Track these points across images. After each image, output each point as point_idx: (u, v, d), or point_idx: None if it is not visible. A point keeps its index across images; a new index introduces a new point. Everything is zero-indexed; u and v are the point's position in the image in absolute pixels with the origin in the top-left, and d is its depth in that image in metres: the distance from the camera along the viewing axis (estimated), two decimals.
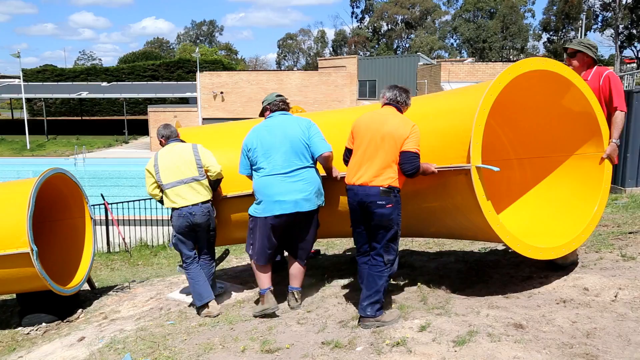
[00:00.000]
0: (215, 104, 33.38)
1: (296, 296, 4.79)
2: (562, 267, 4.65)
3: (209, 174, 5.08)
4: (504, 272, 4.96)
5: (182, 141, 5.27)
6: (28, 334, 5.94)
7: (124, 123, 41.34)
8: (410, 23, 75.63)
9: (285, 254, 5.28)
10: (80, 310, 6.33)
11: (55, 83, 49.31)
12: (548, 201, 4.87)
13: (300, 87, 33.43)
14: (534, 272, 4.78)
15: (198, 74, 34.05)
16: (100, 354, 4.62)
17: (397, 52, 75.34)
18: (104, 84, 47.23)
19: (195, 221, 5.03)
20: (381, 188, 3.99)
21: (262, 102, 4.93)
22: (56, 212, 6.87)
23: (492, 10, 70.79)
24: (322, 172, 4.71)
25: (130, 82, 49.43)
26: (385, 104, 4.30)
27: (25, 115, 39.73)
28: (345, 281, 5.44)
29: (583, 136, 4.54)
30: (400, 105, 4.26)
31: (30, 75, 52.46)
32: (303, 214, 4.56)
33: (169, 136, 5.24)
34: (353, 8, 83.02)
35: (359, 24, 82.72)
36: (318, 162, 4.66)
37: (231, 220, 5.31)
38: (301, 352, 3.79)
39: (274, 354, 3.86)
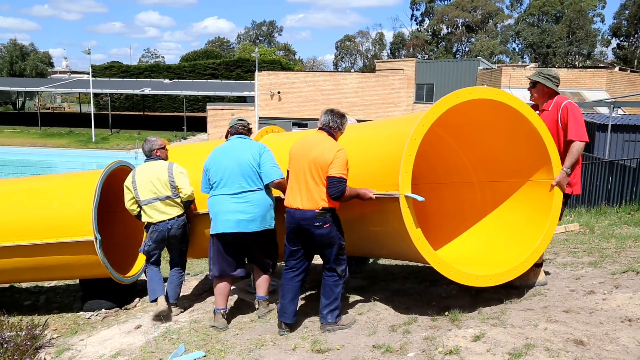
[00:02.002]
0: (272, 104, 33.82)
1: (263, 304, 5.02)
2: (520, 287, 4.69)
3: (180, 195, 5.29)
4: (563, 286, 4.77)
5: (161, 158, 5.46)
6: (89, 318, 6.21)
7: (183, 119, 42.54)
8: (471, 26, 74.02)
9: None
10: (137, 299, 6.57)
11: (121, 79, 51.32)
12: (504, 226, 4.92)
13: (357, 89, 33.38)
14: (597, 287, 4.58)
15: (256, 73, 34.60)
16: (155, 343, 4.77)
17: (457, 55, 73.96)
18: (166, 81, 48.74)
19: (171, 234, 5.34)
20: (316, 211, 4.18)
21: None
22: (118, 203, 7.13)
23: (558, 15, 68.25)
24: (277, 193, 4.85)
25: (190, 80, 50.83)
26: (319, 128, 4.43)
27: (92, 110, 41.56)
28: (397, 285, 5.39)
29: (536, 163, 4.56)
30: (332, 130, 4.39)
31: (98, 71, 54.88)
32: (248, 234, 4.72)
33: (148, 154, 5.47)
34: (413, 10, 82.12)
35: (418, 26, 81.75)
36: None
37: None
38: (351, 354, 3.78)
39: (324, 354, 3.87)
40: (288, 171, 4.51)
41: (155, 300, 5.40)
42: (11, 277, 6.53)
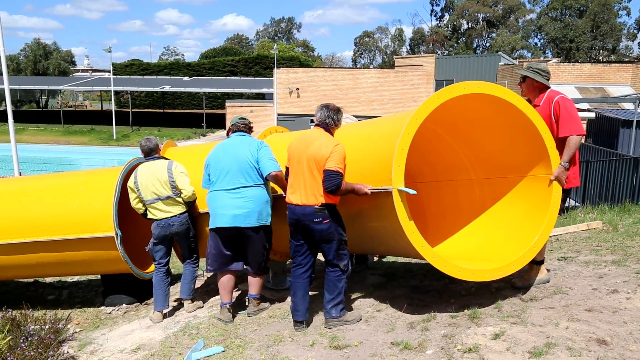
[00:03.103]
0: (291, 100, 33.85)
1: (253, 303, 5.07)
2: (523, 287, 4.64)
3: (182, 195, 5.38)
4: (586, 284, 4.70)
5: (163, 157, 5.59)
6: (110, 313, 6.30)
7: (202, 116, 42.83)
8: (492, 21, 73.13)
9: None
10: None
11: (141, 77, 51.84)
12: (504, 221, 4.86)
13: (376, 85, 33.22)
14: (620, 286, 4.50)
15: (275, 70, 34.65)
16: (175, 338, 4.82)
17: (477, 51, 73.17)
18: (186, 78, 49.10)
19: (173, 231, 5.42)
20: (315, 207, 4.21)
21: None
22: None
23: (581, 8, 66.99)
24: (280, 192, 4.90)
25: (210, 77, 51.14)
26: (315, 125, 4.44)
27: (113, 107, 42.08)
28: (416, 282, 5.36)
29: (534, 158, 4.49)
30: (329, 126, 4.41)
31: (119, 69, 55.54)
32: (243, 229, 4.80)
33: (148, 153, 5.56)
34: (432, 6, 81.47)
35: (438, 22, 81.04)
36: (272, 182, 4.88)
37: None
38: (370, 351, 3.77)
39: (342, 351, 3.87)
40: (287, 168, 4.54)
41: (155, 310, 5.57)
42: (35, 272, 6.65)
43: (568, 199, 4.92)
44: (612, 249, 5.87)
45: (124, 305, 6.47)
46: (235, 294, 5.98)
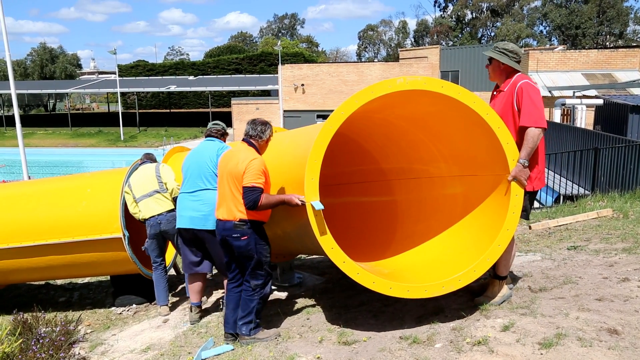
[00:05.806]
0: (296, 96, 33.80)
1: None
2: (480, 305, 4.11)
3: (167, 189, 5.68)
4: (596, 273, 4.65)
5: (153, 161, 6.07)
6: (120, 313, 6.33)
7: (208, 115, 42.88)
8: (497, 10, 72.50)
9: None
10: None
11: (147, 78, 51.97)
12: (469, 226, 4.44)
13: (381, 78, 32.97)
14: (631, 274, 4.45)
15: (280, 66, 34.61)
16: (184, 337, 4.83)
17: (482, 41, 72.62)
18: (191, 77, 49.18)
19: (162, 229, 5.63)
20: (234, 222, 4.18)
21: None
22: None
23: None
24: None
25: (215, 76, 51.19)
26: (242, 139, 4.40)
27: (119, 109, 42.26)
28: None
29: (492, 155, 4.00)
30: (252, 140, 4.34)
31: (125, 70, 55.72)
32: (201, 231, 4.91)
33: (143, 160, 6.12)
34: None
35: (441, 13, 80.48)
36: None
37: None
38: (378, 346, 3.75)
39: (351, 346, 3.85)
40: None
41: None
42: (45, 274, 6.68)
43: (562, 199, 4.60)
44: (623, 236, 5.81)
45: (134, 305, 6.50)
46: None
